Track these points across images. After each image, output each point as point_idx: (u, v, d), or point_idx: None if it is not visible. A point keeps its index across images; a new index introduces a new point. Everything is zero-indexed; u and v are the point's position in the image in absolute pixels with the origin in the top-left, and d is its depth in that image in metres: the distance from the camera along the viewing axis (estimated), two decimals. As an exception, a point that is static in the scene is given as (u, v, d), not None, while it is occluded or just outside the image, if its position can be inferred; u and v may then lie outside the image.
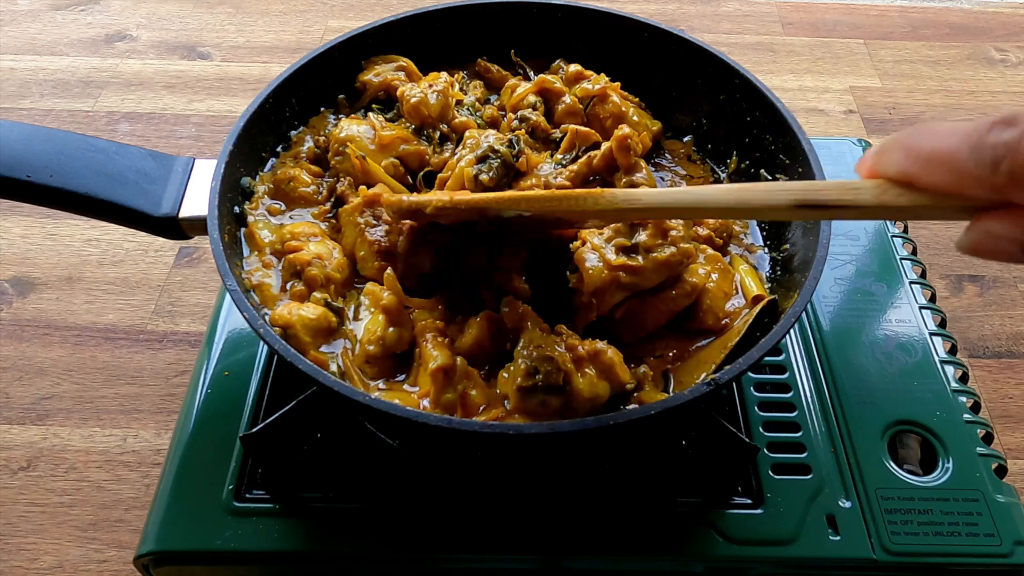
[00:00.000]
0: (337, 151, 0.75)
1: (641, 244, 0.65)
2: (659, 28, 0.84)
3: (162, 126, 1.27)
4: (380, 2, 1.54)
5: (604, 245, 0.65)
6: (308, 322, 0.64)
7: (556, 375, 0.59)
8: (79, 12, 1.49)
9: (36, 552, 0.82)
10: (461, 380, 0.61)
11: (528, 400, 0.60)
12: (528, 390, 0.59)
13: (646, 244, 0.65)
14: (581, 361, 0.61)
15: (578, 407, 0.60)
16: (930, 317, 0.82)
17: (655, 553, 0.66)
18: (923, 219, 0.47)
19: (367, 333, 0.65)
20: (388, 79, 0.84)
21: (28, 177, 0.70)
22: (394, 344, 0.64)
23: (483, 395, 0.62)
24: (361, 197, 0.70)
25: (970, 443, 0.72)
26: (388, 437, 0.71)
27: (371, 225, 0.69)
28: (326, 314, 0.65)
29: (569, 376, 0.59)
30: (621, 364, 0.62)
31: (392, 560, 0.66)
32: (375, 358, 0.64)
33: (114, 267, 1.07)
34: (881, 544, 0.65)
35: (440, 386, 0.61)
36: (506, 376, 0.62)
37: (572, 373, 0.60)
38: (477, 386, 0.62)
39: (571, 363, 0.60)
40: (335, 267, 0.69)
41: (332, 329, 0.66)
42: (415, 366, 0.64)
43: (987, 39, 1.48)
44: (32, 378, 0.95)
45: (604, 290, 0.64)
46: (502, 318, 0.64)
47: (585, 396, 0.60)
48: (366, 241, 0.69)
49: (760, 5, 1.55)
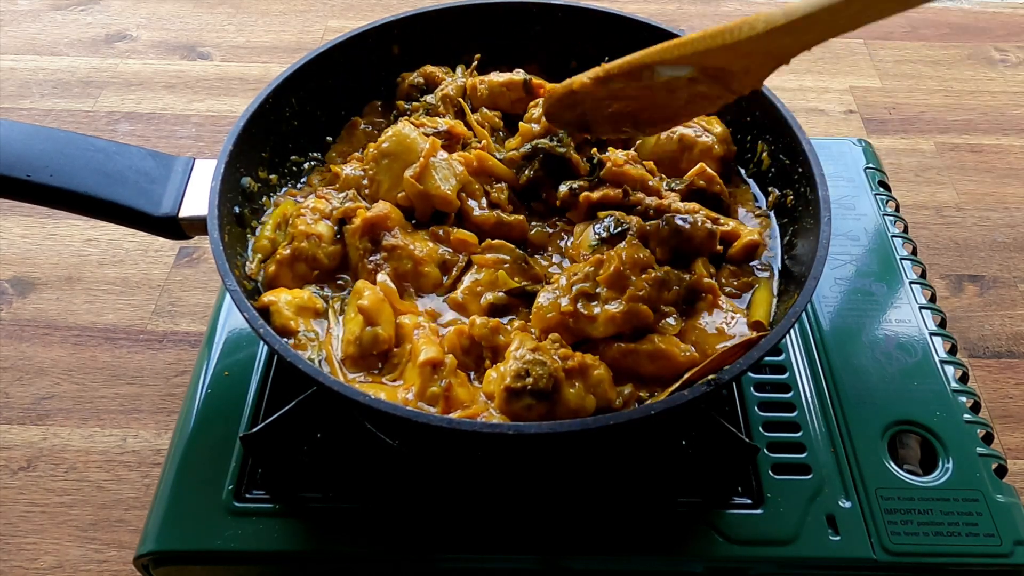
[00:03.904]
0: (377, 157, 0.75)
1: (601, 296, 0.64)
2: (659, 28, 0.84)
3: (162, 126, 1.27)
4: (380, 2, 1.54)
5: (567, 289, 0.65)
6: (292, 300, 0.66)
7: (547, 380, 0.59)
8: (79, 12, 1.49)
9: (36, 552, 0.82)
10: (448, 376, 0.61)
11: (513, 402, 0.59)
12: (516, 392, 0.59)
13: (605, 296, 0.64)
14: (572, 372, 0.61)
15: (561, 417, 0.59)
16: (930, 317, 0.81)
17: (655, 553, 0.66)
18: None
19: (347, 332, 0.65)
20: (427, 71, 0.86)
21: (28, 176, 0.70)
22: (370, 345, 0.64)
23: (467, 393, 0.62)
24: (360, 220, 0.70)
25: (970, 443, 0.72)
26: (388, 437, 0.71)
27: (369, 252, 0.69)
28: (312, 298, 0.67)
29: (559, 384, 0.59)
30: (610, 382, 0.62)
31: (392, 560, 0.66)
32: (351, 358, 0.64)
33: (114, 267, 1.07)
34: (881, 544, 0.65)
35: (426, 379, 0.61)
36: (494, 376, 0.62)
37: (563, 382, 0.60)
38: (463, 384, 0.62)
39: (563, 372, 0.60)
40: (328, 253, 0.70)
41: (318, 312, 0.67)
42: (402, 362, 0.64)
43: (987, 39, 1.47)
44: (32, 378, 0.95)
45: (549, 331, 0.64)
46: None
47: (571, 407, 0.59)
48: (365, 268, 0.69)
49: (760, 5, 1.55)
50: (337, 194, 0.75)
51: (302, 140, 0.82)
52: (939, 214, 1.16)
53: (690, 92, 0.61)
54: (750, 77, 0.58)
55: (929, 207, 1.17)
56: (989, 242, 1.12)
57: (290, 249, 0.69)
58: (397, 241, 0.69)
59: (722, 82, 0.59)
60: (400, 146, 0.73)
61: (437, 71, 0.86)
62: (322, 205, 0.73)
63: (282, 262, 0.69)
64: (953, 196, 1.19)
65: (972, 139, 1.28)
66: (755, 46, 0.54)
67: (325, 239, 0.70)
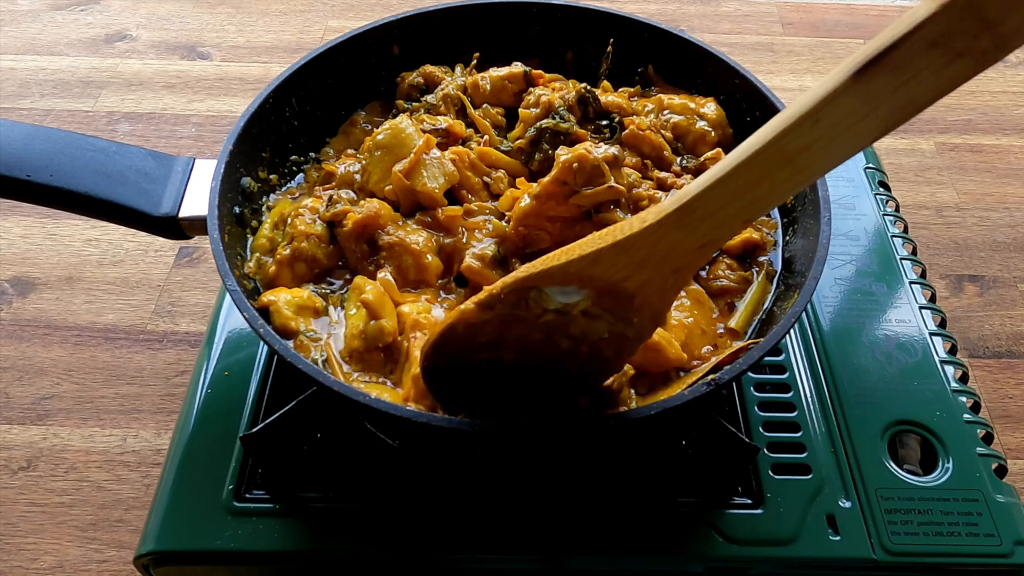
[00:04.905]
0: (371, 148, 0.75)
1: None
2: (659, 28, 0.84)
3: (162, 126, 1.27)
4: (380, 2, 1.54)
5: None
6: (292, 300, 0.65)
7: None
8: (79, 12, 1.49)
9: (36, 552, 0.82)
10: None
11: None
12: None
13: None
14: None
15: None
16: (930, 317, 0.81)
17: (655, 553, 0.66)
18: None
19: (350, 327, 0.65)
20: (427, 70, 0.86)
21: (28, 176, 0.70)
22: (376, 337, 0.63)
23: None
24: (351, 223, 0.69)
25: (970, 443, 0.72)
26: (388, 437, 0.71)
27: (367, 254, 0.69)
28: (312, 297, 0.67)
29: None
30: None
31: (392, 560, 0.66)
32: (358, 352, 0.64)
33: (114, 267, 1.07)
34: (881, 544, 0.65)
35: (419, 392, 0.60)
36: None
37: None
38: None
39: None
40: (328, 253, 0.70)
41: (317, 311, 0.67)
42: (401, 363, 0.64)
43: (987, 39, 1.47)
44: (32, 378, 0.95)
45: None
46: None
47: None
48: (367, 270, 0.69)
49: (760, 5, 1.55)
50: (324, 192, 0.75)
51: (302, 140, 0.82)
52: (939, 214, 1.16)
53: (589, 334, 0.52)
54: (652, 300, 0.50)
55: (929, 207, 1.17)
56: (989, 242, 1.12)
57: (290, 249, 0.69)
58: (393, 238, 0.69)
59: (621, 314, 0.51)
60: (395, 139, 0.73)
61: (436, 71, 0.86)
62: (319, 204, 0.73)
63: (282, 262, 0.69)
64: (953, 196, 1.19)
65: (972, 139, 1.28)
66: (647, 244, 0.47)
67: (324, 238, 0.70)
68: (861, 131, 0.38)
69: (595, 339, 0.52)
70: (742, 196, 0.43)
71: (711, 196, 0.44)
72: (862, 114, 0.37)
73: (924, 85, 0.36)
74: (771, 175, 0.42)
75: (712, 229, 0.45)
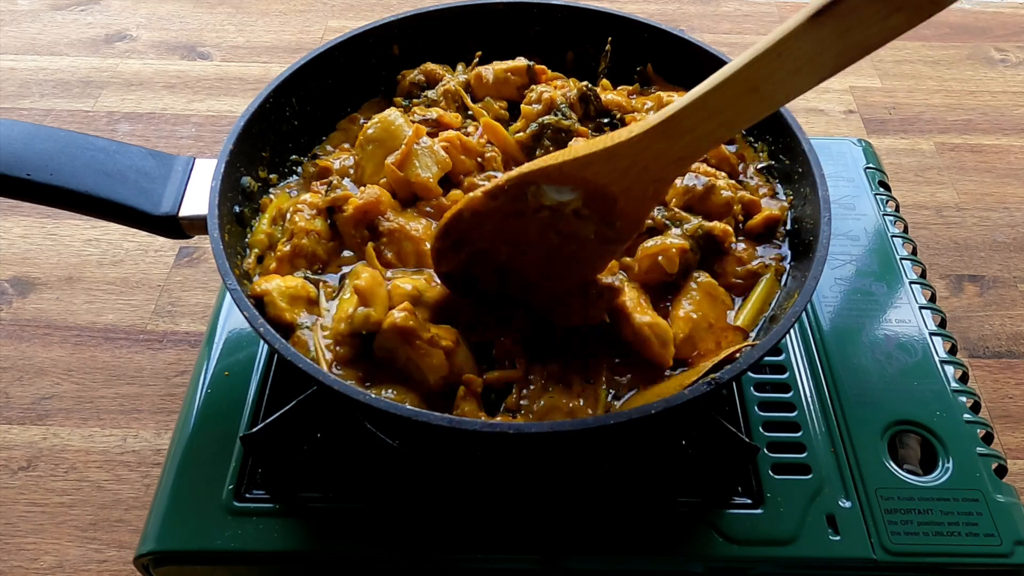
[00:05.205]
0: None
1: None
2: (659, 28, 0.84)
3: (162, 126, 1.27)
4: (380, 2, 1.54)
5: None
6: (285, 289, 0.65)
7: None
8: (79, 12, 1.49)
9: (36, 552, 0.82)
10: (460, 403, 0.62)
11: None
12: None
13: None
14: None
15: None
16: (930, 317, 0.81)
17: (655, 553, 0.66)
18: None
19: (339, 311, 0.65)
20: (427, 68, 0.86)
21: (28, 176, 0.70)
22: (361, 324, 0.63)
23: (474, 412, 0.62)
24: (352, 208, 0.69)
25: (970, 443, 0.72)
26: (388, 437, 0.71)
27: (367, 239, 0.69)
28: (304, 285, 0.67)
29: None
30: None
31: (392, 560, 0.66)
32: (343, 336, 0.64)
33: (114, 267, 1.07)
34: (881, 544, 0.65)
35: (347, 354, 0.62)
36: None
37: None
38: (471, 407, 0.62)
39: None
40: (328, 249, 0.70)
41: (311, 300, 0.67)
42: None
43: (987, 39, 1.48)
44: (32, 378, 0.95)
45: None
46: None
47: None
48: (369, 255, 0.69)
49: (760, 5, 1.55)
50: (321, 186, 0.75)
51: (302, 140, 0.82)
52: (939, 214, 1.16)
53: (577, 233, 0.59)
54: (632, 205, 0.56)
55: (929, 207, 1.17)
56: (989, 242, 1.12)
57: (290, 246, 0.69)
58: (394, 224, 0.69)
59: (606, 217, 0.57)
60: (385, 132, 0.73)
61: (438, 68, 0.86)
62: (317, 199, 0.73)
63: (282, 259, 0.69)
64: (953, 196, 1.19)
65: (972, 139, 1.28)
66: (633, 152, 0.53)
67: (323, 234, 0.70)
68: (817, 66, 0.45)
69: (582, 238, 0.59)
70: (716, 117, 0.50)
71: (690, 113, 0.51)
72: (817, 51, 0.45)
73: (870, 31, 0.42)
74: (738, 100, 0.49)
75: (691, 142, 0.52)
